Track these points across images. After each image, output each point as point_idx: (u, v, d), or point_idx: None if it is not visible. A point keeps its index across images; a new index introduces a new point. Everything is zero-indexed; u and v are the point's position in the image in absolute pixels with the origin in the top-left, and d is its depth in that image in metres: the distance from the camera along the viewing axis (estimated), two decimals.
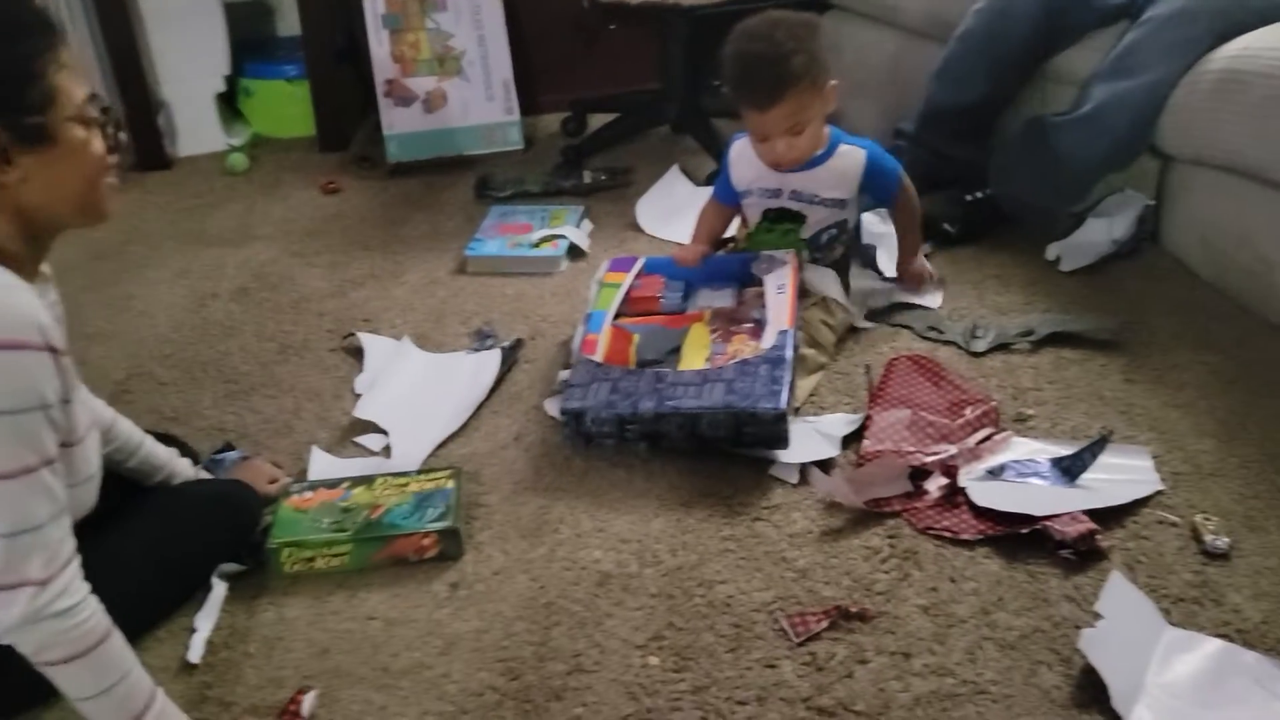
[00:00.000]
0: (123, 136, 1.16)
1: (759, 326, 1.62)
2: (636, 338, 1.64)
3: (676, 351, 1.61)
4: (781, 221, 1.80)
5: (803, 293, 1.73)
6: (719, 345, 1.60)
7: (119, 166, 1.15)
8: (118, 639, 1.04)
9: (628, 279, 1.77)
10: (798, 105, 1.64)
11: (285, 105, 2.88)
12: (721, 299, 1.75)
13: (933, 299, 1.89)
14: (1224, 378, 1.65)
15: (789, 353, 1.55)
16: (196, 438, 1.64)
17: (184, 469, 1.41)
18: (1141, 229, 1.97)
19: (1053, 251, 2.01)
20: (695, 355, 1.59)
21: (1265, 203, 1.71)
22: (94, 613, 1.02)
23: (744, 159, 1.79)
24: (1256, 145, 1.65)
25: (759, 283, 1.72)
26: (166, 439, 1.52)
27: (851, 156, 1.75)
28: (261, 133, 2.94)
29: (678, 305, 1.74)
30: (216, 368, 1.85)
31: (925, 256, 1.95)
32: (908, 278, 1.90)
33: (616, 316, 1.72)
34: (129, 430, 1.36)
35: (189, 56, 2.75)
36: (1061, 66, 2.03)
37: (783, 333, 1.58)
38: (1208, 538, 1.32)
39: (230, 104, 2.95)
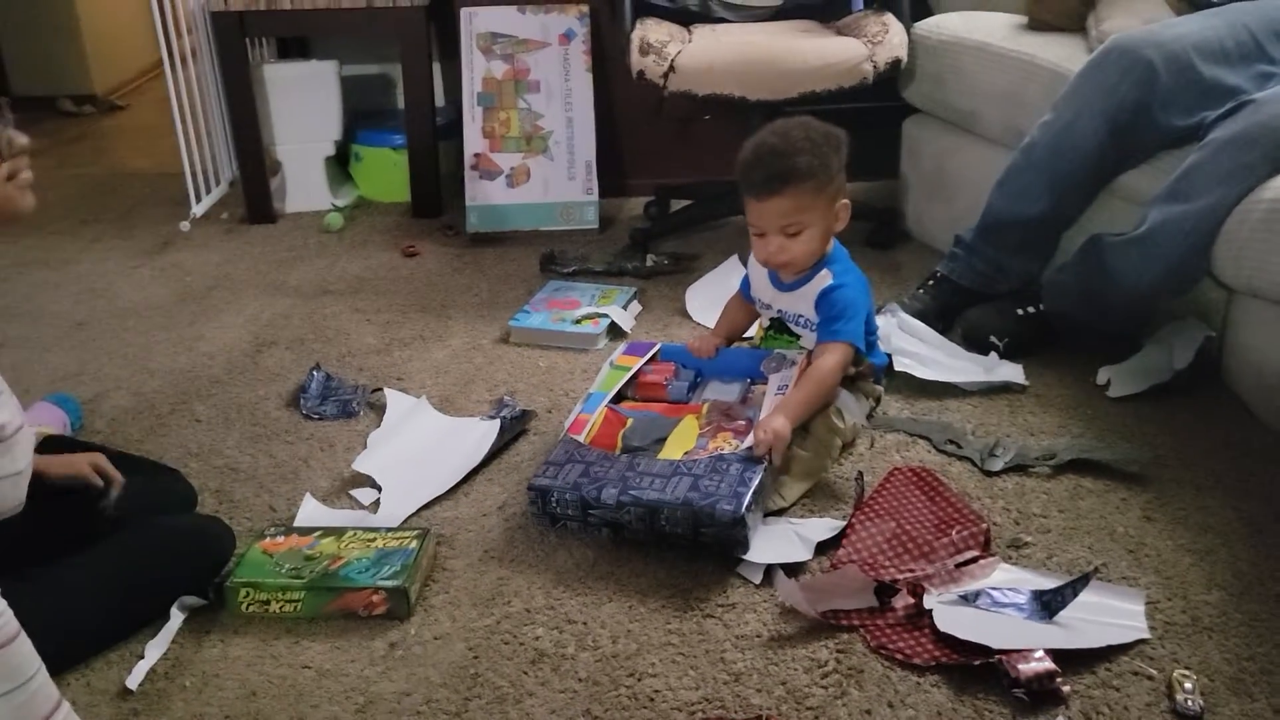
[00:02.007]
0: (16, 136, 1.19)
1: (750, 425, 1.60)
2: (629, 422, 1.64)
3: (663, 441, 1.60)
4: (782, 334, 1.79)
5: None
6: (703, 440, 1.59)
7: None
8: (24, 645, 1.08)
9: (638, 364, 1.78)
10: (794, 205, 1.63)
11: (389, 172, 3.03)
12: (729, 392, 1.74)
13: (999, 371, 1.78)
14: (1254, 527, 1.53)
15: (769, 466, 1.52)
16: (209, 474, 1.73)
17: None
18: (1199, 361, 1.86)
19: (1103, 376, 1.91)
20: (677, 447, 1.58)
21: None
22: (2, 612, 1.07)
23: (757, 268, 1.79)
24: None
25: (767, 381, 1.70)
26: (167, 471, 1.62)
27: (821, 280, 1.70)
28: (366, 196, 3.10)
29: (683, 395, 1.73)
30: (250, 411, 1.94)
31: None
32: (758, 434, 1.54)
33: (620, 399, 1.72)
34: None
35: (304, 121, 2.94)
36: (1129, 185, 1.95)
37: None
38: (1179, 696, 1.21)
39: (343, 167, 3.13)
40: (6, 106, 1.21)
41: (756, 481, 1.46)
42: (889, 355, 1.93)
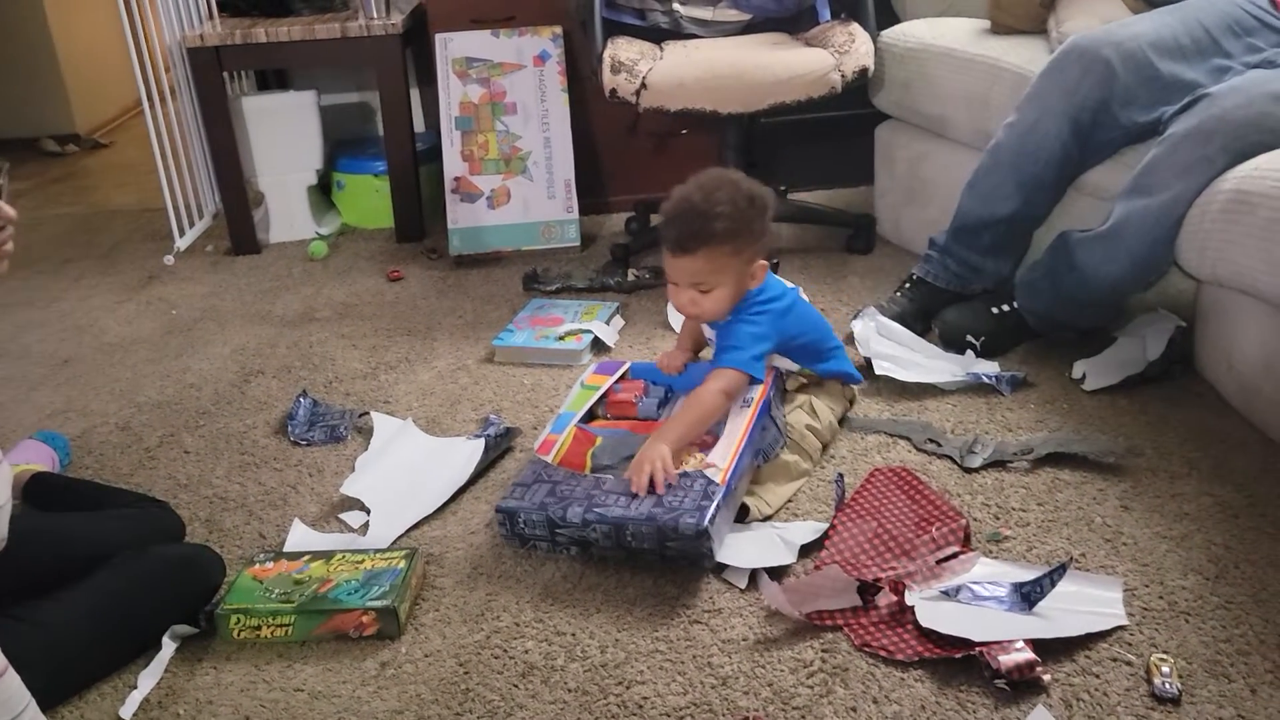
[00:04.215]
0: (5, 208, 1.20)
1: (715, 440, 1.61)
2: (599, 441, 1.65)
3: (630, 459, 1.61)
4: None
5: (786, 397, 1.74)
6: None
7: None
8: (13, 680, 1.10)
9: (608, 383, 1.80)
10: (709, 266, 1.62)
11: (372, 198, 3.06)
12: None
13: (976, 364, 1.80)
14: (1229, 511, 1.55)
15: (733, 479, 1.53)
16: (198, 504, 1.75)
17: None
18: (1172, 351, 1.89)
19: (1078, 370, 1.94)
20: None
21: None
22: None
23: None
24: (1264, 268, 1.57)
25: None
26: (155, 503, 1.64)
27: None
28: (350, 223, 3.12)
29: (653, 412, 1.75)
30: (239, 440, 1.95)
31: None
32: (639, 466, 1.52)
33: (591, 418, 1.74)
34: None
35: (285, 152, 2.97)
36: (1095, 182, 1.99)
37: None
38: (1157, 680, 1.24)
39: (326, 195, 3.16)
40: (5, 171, 1.23)
41: (720, 497, 1.48)
42: (868, 359, 1.96)
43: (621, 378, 1.82)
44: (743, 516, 1.57)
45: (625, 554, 1.49)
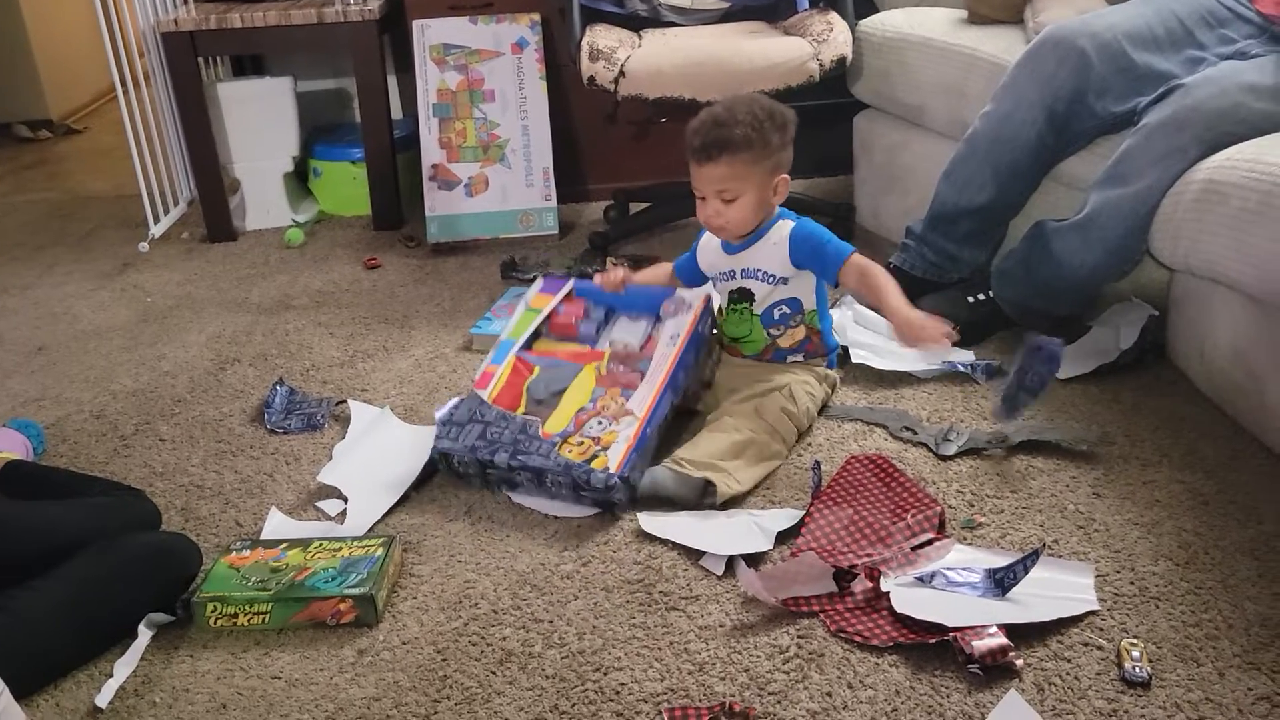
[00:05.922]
0: None
1: (642, 377, 1.71)
2: (535, 372, 1.74)
3: (562, 394, 1.71)
4: (741, 301, 1.85)
5: (766, 375, 1.79)
6: (599, 390, 1.71)
7: None
8: None
9: (551, 304, 1.89)
10: (729, 173, 1.72)
11: (349, 186, 3.04)
12: (636, 331, 1.84)
13: (953, 353, 1.89)
14: (1199, 498, 1.57)
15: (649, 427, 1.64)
16: (174, 492, 1.74)
17: None
18: (1144, 340, 1.90)
19: None
20: (573, 403, 1.70)
21: (1253, 317, 1.64)
22: None
23: (709, 245, 1.87)
24: (1235, 258, 1.59)
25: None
26: (131, 492, 1.63)
27: (780, 230, 1.80)
28: (327, 210, 3.10)
29: (592, 335, 1.85)
30: (214, 428, 1.95)
31: None
32: (912, 337, 1.67)
33: (535, 337, 1.85)
34: None
35: (261, 139, 2.95)
36: (1070, 171, 2.00)
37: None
38: (1128, 664, 1.25)
39: (303, 183, 3.14)
40: None
41: (633, 451, 1.60)
42: (845, 347, 1.97)
43: (566, 297, 1.90)
44: (711, 494, 1.58)
45: (548, 494, 1.62)
